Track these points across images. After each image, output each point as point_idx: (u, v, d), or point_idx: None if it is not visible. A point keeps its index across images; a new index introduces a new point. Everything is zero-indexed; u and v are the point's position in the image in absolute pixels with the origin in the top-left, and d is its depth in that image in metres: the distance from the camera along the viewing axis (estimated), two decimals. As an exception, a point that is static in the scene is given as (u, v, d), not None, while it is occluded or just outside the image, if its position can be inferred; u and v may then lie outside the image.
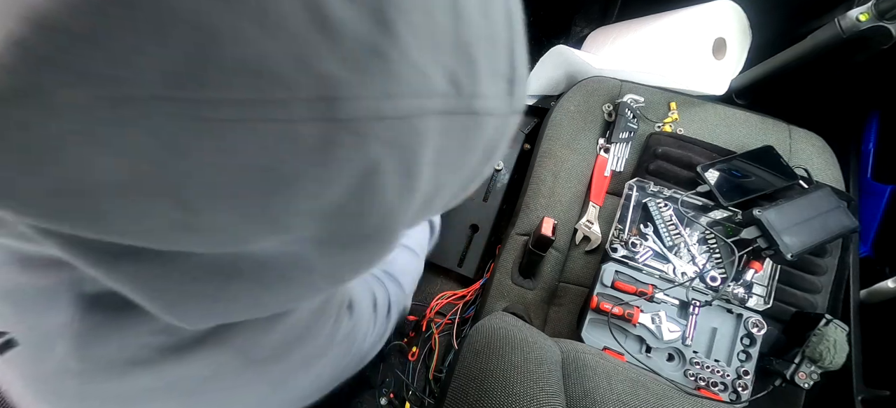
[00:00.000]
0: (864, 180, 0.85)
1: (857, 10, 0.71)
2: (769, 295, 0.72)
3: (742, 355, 0.70)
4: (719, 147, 0.83)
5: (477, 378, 0.50)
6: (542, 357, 0.54)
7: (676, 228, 0.76)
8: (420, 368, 0.90)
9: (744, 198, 0.75)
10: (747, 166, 0.79)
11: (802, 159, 0.82)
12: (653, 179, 0.80)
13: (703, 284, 0.72)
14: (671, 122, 0.87)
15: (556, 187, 0.86)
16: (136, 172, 0.14)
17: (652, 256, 0.75)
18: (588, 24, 1.25)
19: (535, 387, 0.49)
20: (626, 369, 0.59)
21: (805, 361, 0.65)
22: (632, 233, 0.77)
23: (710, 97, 0.93)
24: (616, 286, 0.73)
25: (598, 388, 0.53)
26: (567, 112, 0.91)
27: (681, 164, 0.81)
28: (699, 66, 0.94)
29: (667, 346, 0.71)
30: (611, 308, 0.71)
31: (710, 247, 0.75)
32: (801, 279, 0.74)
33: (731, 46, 0.96)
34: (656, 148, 0.83)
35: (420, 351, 0.90)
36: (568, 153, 0.88)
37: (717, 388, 0.68)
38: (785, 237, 0.67)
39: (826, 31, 0.75)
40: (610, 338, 0.71)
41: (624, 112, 0.87)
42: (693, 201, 0.77)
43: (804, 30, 0.83)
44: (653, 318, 0.71)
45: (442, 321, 0.92)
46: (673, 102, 0.89)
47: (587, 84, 0.93)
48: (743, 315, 0.70)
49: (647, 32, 1.03)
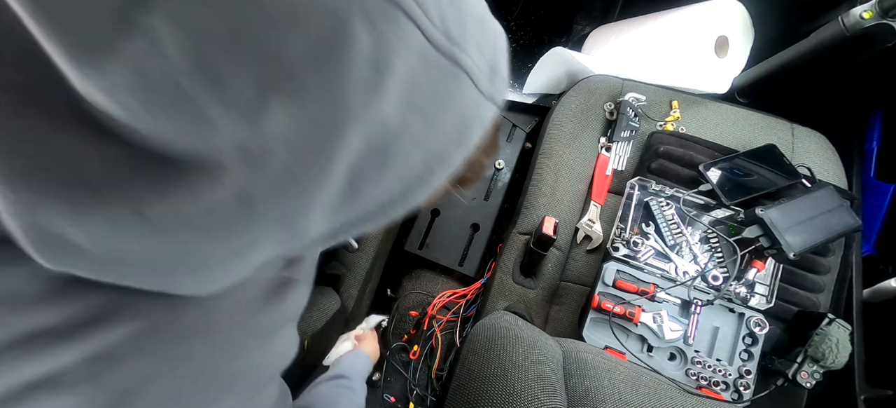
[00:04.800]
0: (867, 179, 0.85)
1: (861, 8, 0.71)
2: (771, 294, 0.71)
3: (744, 354, 0.70)
4: (721, 146, 0.83)
5: (478, 377, 0.50)
6: (544, 356, 0.54)
7: (678, 227, 0.76)
8: (422, 366, 0.90)
9: (746, 197, 0.75)
10: (749, 165, 0.79)
11: (805, 158, 0.82)
12: (654, 177, 0.80)
13: (704, 283, 0.72)
14: (673, 120, 0.87)
15: (558, 186, 0.86)
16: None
17: (653, 255, 0.75)
18: (590, 22, 1.25)
19: (537, 385, 0.49)
20: (627, 369, 0.59)
21: (807, 360, 0.65)
22: (633, 232, 0.77)
23: (712, 96, 0.93)
24: (617, 285, 0.73)
25: (600, 387, 0.53)
26: (568, 111, 0.90)
27: (682, 162, 0.81)
28: (701, 64, 0.93)
29: (668, 345, 0.71)
30: (612, 307, 0.71)
31: (711, 246, 0.75)
32: (803, 278, 0.74)
33: (733, 44, 0.95)
34: (658, 147, 0.82)
35: (421, 350, 0.90)
36: (569, 152, 0.88)
37: (719, 387, 0.68)
38: (787, 236, 0.67)
39: (829, 29, 0.75)
40: (611, 337, 0.71)
41: (625, 111, 0.87)
42: (695, 200, 0.77)
43: (807, 28, 0.83)
44: (654, 317, 0.71)
45: (443, 320, 0.93)
46: (675, 100, 0.89)
47: (588, 83, 0.93)
48: (745, 314, 0.70)
49: (649, 31, 1.03)
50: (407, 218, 1.00)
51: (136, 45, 0.15)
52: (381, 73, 0.18)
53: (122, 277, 0.21)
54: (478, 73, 0.22)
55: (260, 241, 0.21)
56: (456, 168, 0.25)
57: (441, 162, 0.24)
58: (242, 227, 0.20)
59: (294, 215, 0.21)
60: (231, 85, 0.16)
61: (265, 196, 0.19)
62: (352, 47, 0.17)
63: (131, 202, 0.18)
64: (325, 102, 0.17)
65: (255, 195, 0.19)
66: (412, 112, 0.20)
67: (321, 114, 0.17)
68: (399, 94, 0.19)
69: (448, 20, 0.20)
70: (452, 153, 0.24)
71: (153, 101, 0.16)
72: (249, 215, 0.19)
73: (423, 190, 0.24)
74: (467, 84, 0.22)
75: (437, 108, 0.21)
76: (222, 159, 0.17)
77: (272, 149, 0.18)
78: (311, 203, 0.20)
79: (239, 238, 0.20)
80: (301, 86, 0.17)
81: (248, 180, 0.18)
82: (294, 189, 0.19)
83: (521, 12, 1.28)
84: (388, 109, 0.19)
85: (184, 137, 0.17)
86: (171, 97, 0.16)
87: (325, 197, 0.21)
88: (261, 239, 0.21)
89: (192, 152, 0.17)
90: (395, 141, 0.20)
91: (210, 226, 0.19)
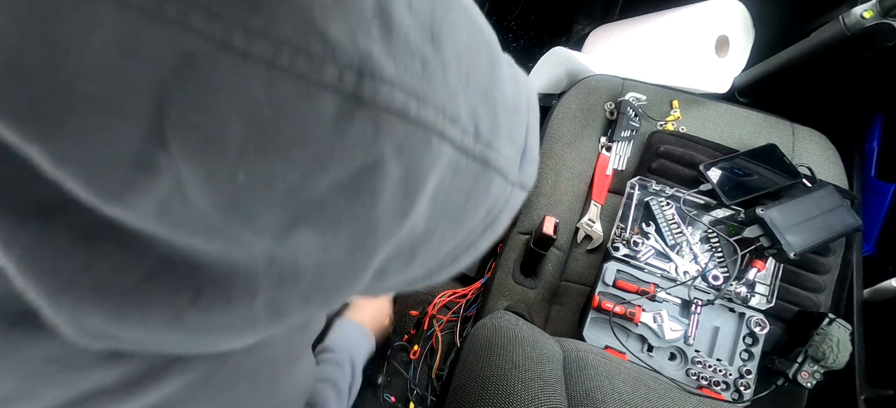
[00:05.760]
0: (867, 179, 0.85)
1: (862, 8, 0.71)
2: (772, 294, 0.71)
3: (744, 354, 0.70)
4: (722, 145, 0.83)
5: (478, 377, 0.50)
6: (544, 356, 0.54)
7: (678, 226, 0.76)
8: (422, 366, 0.90)
9: (746, 196, 0.75)
10: (750, 165, 0.79)
11: (805, 158, 0.82)
12: (655, 177, 0.80)
13: (705, 283, 0.72)
14: (673, 120, 0.87)
15: (558, 186, 0.86)
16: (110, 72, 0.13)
17: (654, 254, 0.75)
18: (590, 22, 1.25)
19: (537, 385, 0.49)
20: (627, 369, 0.59)
21: (808, 360, 0.65)
22: (634, 232, 0.77)
23: (713, 95, 0.93)
24: (618, 285, 0.73)
25: (600, 387, 0.53)
26: (568, 111, 0.90)
27: (683, 162, 0.81)
28: (702, 63, 0.93)
29: (669, 345, 0.71)
30: (613, 307, 0.71)
31: (712, 246, 0.75)
32: (804, 278, 0.74)
33: (733, 44, 0.95)
34: (658, 146, 0.82)
35: (422, 350, 0.90)
36: (569, 152, 0.88)
37: (720, 387, 0.68)
38: (788, 236, 0.67)
39: (830, 29, 0.75)
40: (611, 337, 0.71)
41: (626, 110, 0.87)
42: (695, 200, 0.77)
43: (808, 27, 0.83)
44: (655, 317, 0.71)
45: (444, 319, 0.93)
46: (675, 100, 0.89)
47: (588, 83, 0.93)
48: (745, 314, 0.70)
49: (650, 30, 1.03)
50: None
51: (160, 187, 0.14)
52: (411, 197, 0.17)
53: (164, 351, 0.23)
54: (508, 165, 0.21)
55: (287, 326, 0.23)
56: (483, 251, 0.25)
57: (468, 250, 0.24)
58: (272, 327, 0.21)
59: (321, 311, 0.21)
60: (260, 220, 0.16)
61: (295, 305, 0.20)
62: (383, 180, 0.16)
63: (168, 313, 0.18)
64: (354, 229, 0.17)
65: (286, 306, 0.20)
66: (441, 217, 0.20)
67: (351, 239, 0.18)
68: (428, 205, 0.19)
69: (480, 120, 0.19)
70: (479, 242, 0.24)
71: (181, 231, 0.16)
72: (279, 319, 0.20)
73: (449, 271, 0.25)
74: (497, 179, 0.21)
75: (467, 208, 0.21)
76: (255, 270, 0.18)
77: (303, 267, 0.18)
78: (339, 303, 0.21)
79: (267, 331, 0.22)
80: (330, 216, 0.17)
81: (279, 293, 0.19)
82: (322, 299, 0.20)
83: (521, 12, 1.28)
84: (417, 220, 0.19)
85: (214, 249, 0.17)
86: (199, 229, 0.16)
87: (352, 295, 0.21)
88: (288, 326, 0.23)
89: (224, 262, 0.18)
90: (422, 243, 0.21)
91: (241, 329, 0.20)
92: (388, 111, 0.15)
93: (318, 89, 0.14)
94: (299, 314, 0.21)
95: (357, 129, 0.15)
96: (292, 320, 0.21)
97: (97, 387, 0.23)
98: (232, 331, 0.20)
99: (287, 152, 0.14)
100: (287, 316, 0.20)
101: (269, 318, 0.20)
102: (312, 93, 0.14)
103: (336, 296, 0.20)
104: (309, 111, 0.14)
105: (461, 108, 0.18)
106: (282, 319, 0.20)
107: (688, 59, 0.93)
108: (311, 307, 0.20)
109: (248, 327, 0.20)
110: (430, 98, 0.16)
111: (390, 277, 0.22)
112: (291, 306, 0.20)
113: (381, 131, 0.15)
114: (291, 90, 0.14)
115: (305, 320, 0.24)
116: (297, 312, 0.20)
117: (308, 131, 0.14)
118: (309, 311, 0.21)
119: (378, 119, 0.15)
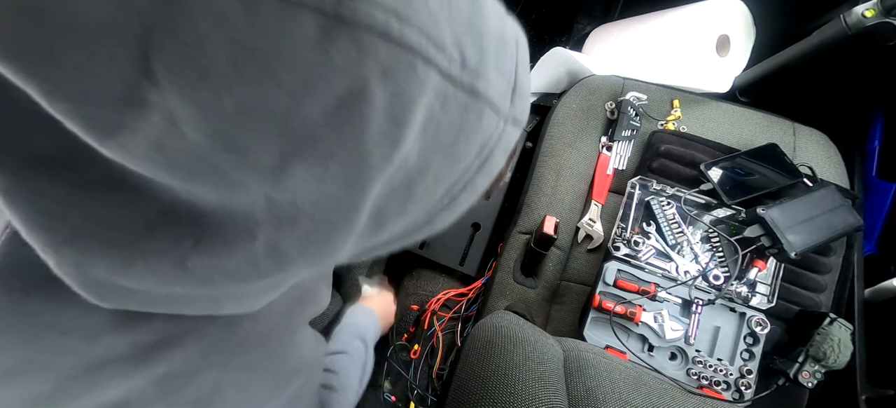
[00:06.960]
0: (868, 178, 0.85)
1: (863, 7, 0.70)
2: (773, 294, 0.71)
3: (745, 353, 0.70)
4: (722, 145, 0.83)
5: (479, 377, 0.50)
6: (544, 356, 0.54)
7: (679, 226, 0.76)
8: (423, 366, 0.90)
9: (747, 196, 0.75)
10: (751, 164, 0.79)
11: (807, 157, 0.81)
12: (655, 177, 0.80)
13: (705, 282, 0.72)
14: (674, 120, 0.87)
15: (559, 186, 0.86)
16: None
17: (654, 254, 0.75)
18: (590, 21, 1.24)
19: (537, 385, 0.49)
20: (628, 368, 0.59)
21: (809, 360, 0.65)
22: (634, 231, 0.76)
23: (714, 95, 0.92)
24: (618, 285, 0.73)
25: (600, 386, 0.53)
26: (569, 110, 0.90)
27: (684, 162, 0.81)
28: (702, 63, 0.93)
29: (669, 345, 0.70)
30: (613, 307, 0.70)
31: (713, 245, 0.74)
32: (804, 278, 0.74)
33: (734, 43, 0.95)
34: (659, 146, 0.82)
35: (422, 349, 0.90)
36: (570, 151, 0.88)
37: (720, 387, 0.68)
38: (789, 236, 0.67)
39: (831, 28, 0.75)
40: (612, 337, 0.71)
41: (626, 110, 0.87)
42: (696, 200, 0.77)
43: (809, 26, 0.82)
44: (655, 317, 0.71)
45: (445, 318, 0.92)
46: (676, 99, 0.88)
47: (589, 82, 0.93)
48: (746, 314, 0.70)
49: (650, 29, 1.02)
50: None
51: (151, 123, 0.15)
52: (400, 124, 0.17)
53: (173, 310, 0.23)
54: (498, 98, 0.21)
55: (290, 278, 0.23)
56: (481, 191, 0.25)
57: (465, 189, 0.24)
58: (275, 272, 0.21)
59: (322, 258, 0.21)
60: (252, 153, 0.16)
61: (295, 248, 0.20)
62: (369, 105, 0.16)
63: (174, 258, 0.19)
64: (346, 160, 0.17)
65: (286, 249, 0.20)
66: (433, 150, 0.20)
67: (344, 171, 0.18)
68: (419, 137, 0.19)
69: (466, 49, 0.19)
70: (476, 180, 0.24)
71: (176, 169, 0.16)
72: (282, 264, 0.20)
73: (448, 215, 0.25)
74: (488, 112, 0.21)
75: (459, 141, 0.21)
76: (254, 214, 0.18)
77: (300, 206, 0.18)
78: (339, 247, 0.21)
79: (272, 280, 0.22)
80: (322, 147, 0.17)
81: (279, 235, 0.19)
82: (322, 240, 0.20)
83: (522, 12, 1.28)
84: (408, 153, 0.19)
85: (214, 195, 0.18)
86: (193, 166, 0.16)
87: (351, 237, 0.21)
88: (291, 276, 0.23)
89: (225, 208, 0.18)
90: (417, 178, 0.20)
91: (246, 274, 0.20)
92: (371, 31, 0.15)
93: (297, 9, 0.14)
94: (301, 260, 0.21)
95: (340, 49, 0.15)
96: (296, 268, 0.21)
97: (109, 355, 0.24)
98: (237, 278, 0.20)
99: (272, 76, 0.15)
100: (289, 261, 0.20)
101: (272, 261, 0.20)
102: (292, 13, 0.14)
103: (335, 238, 0.20)
104: (290, 33, 0.14)
105: (445, 34, 0.17)
106: (284, 264, 0.20)
107: (688, 59, 0.93)
108: (311, 249, 0.20)
109: (253, 271, 0.20)
110: (412, 18, 0.16)
111: (390, 221, 0.22)
112: (292, 248, 0.20)
113: (364, 52, 0.15)
114: (271, 12, 0.14)
115: (308, 273, 0.24)
116: (299, 256, 0.20)
117: (291, 54, 0.14)
118: (309, 254, 0.20)
119: (361, 40, 0.15)
